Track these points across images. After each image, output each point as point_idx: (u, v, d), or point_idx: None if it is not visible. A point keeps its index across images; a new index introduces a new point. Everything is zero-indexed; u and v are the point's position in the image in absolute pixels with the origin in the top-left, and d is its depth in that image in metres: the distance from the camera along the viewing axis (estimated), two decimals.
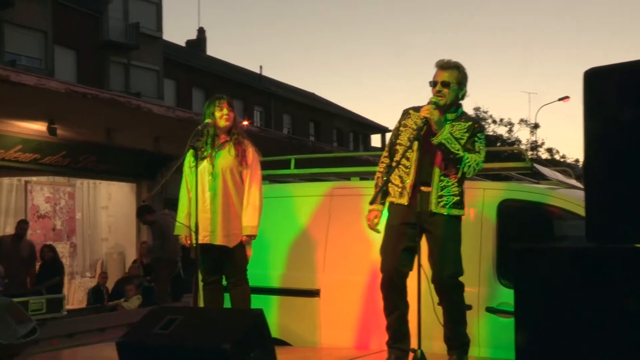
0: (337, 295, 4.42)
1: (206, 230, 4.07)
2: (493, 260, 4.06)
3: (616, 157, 2.30)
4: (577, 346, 2.26)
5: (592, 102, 2.33)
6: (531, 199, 4.20)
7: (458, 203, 3.60)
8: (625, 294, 2.19)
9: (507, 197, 4.19)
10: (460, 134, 3.59)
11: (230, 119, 4.19)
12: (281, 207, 4.76)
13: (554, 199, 4.15)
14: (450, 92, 3.61)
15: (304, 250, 4.60)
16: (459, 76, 3.64)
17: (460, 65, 3.69)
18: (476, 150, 3.59)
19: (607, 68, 2.32)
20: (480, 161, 3.59)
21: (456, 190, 3.59)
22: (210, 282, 4.20)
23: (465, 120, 3.67)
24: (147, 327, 3.23)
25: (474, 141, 3.61)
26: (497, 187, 4.31)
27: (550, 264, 2.37)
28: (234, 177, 4.14)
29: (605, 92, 2.32)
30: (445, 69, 3.64)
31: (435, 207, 3.56)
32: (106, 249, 12.92)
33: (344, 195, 4.61)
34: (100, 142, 10.19)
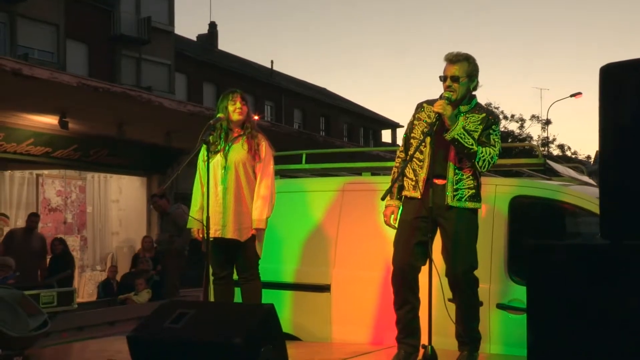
0: (347, 290, 4.42)
1: (217, 224, 4.08)
2: (504, 257, 4.05)
3: (632, 154, 2.28)
4: (589, 343, 2.24)
5: (608, 98, 2.31)
6: (543, 195, 4.18)
7: (474, 196, 3.58)
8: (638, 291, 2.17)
9: (519, 194, 4.17)
10: (474, 126, 3.56)
11: (243, 113, 4.20)
12: (292, 202, 4.76)
13: (567, 195, 4.12)
14: (460, 86, 3.58)
15: (315, 245, 4.60)
16: (468, 68, 3.60)
17: (470, 56, 3.64)
18: (491, 143, 3.56)
19: (624, 64, 2.30)
20: (495, 154, 3.55)
21: (472, 183, 3.57)
22: (221, 277, 4.20)
23: (479, 112, 3.62)
24: (157, 321, 3.24)
25: (488, 134, 3.57)
26: (509, 183, 4.29)
27: (563, 260, 2.35)
28: (247, 171, 4.14)
29: (621, 88, 2.30)
30: (454, 63, 3.60)
31: (451, 201, 3.55)
32: (116, 243, 12.99)
33: (355, 191, 4.60)
34: (112, 136, 10.23)
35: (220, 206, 4.09)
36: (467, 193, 3.55)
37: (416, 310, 3.62)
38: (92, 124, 9.86)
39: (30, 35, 18.30)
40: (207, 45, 27.24)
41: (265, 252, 4.24)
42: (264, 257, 4.21)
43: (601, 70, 2.31)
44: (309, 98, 29.15)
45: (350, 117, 32.14)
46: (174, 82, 22.39)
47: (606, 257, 2.29)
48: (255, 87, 24.96)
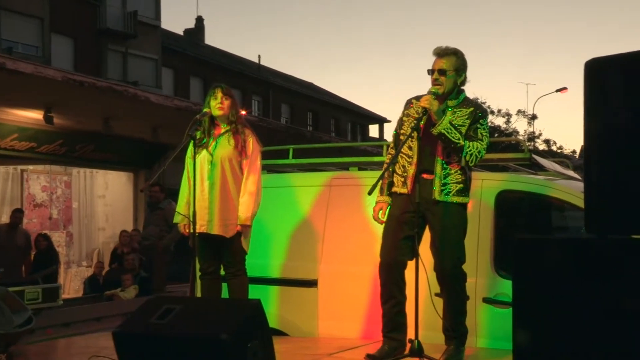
0: (335, 285, 4.43)
1: (203, 220, 4.06)
2: (491, 251, 4.06)
3: (616, 149, 2.29)
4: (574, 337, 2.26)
5: (593, 93, 2.32)
6: (529, 190, 4.20)
7: (462, 190, 3.59)
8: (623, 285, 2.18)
9: (505, 188, 4.19)
10: (462, 121, 3.57)
11: (223, 108, 4.16)
12: (279, 197, 4.75)
13: (552, 190, 4.15)
14: (447, 79, 3.59)
15: (301, 240, 4.60)
16: (456, 62, 3.61)
17: (458, 51, 3.65)
18: (478, 137, 3.57)
19: (609, 59, 2.31)
20: (483, 148, 3.56)
21: (459, 177, 3.58)
22: (208, 272, 4.19)
23: (467, 106, 3.63)
24: (143, 316, 3.23)
25: (476, 128, 3.58)
26: (495, 177, 4.31)
27: (549, 255, 2.36)
28: (233, 167, 4.13)
29: (606, 83, 2.31)
30: (442, 57, 3.62)
31: (438, 196, 3.55)
32: (103, 239, 12.91)
33: (342, 186, 4.60)
34: (98, 131, 10.16)
35: (206, 201, 4.08)
36: (454, 188, 3.56)
37: (401, 305, 3.63)
38: (78, 119, 9.78)
39: (14, 29, 18.10)
40: (194, 39, 27.10)
41: (253, 247, 4.23)
42: (251, 252, 4.21)
43: (586, 65, 2.32)
44: (296, 93, 29.10)
45: (337, 112, 32.13)
46: (160, 77, 22.26)
47: (591, 252, 2.30)
48: (242, 82, 24.88)
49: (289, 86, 28.98)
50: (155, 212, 8.54)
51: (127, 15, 21.30)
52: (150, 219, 8.66)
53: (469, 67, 3.68)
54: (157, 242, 8.42)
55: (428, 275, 3.51)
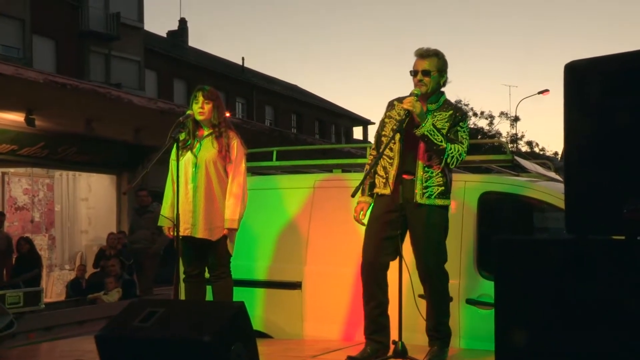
0: (319, 287, 4.43)
1: (187, 223, 4.04)
2: (474, 252, 4.09)
3: (596, 151, 2.32)
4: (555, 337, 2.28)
5: (573, 95, 2.35)
6: (512, 191, 4.23)
7: (443, 193, 3.60)
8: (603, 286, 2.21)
9: (488, 190, 4.22)
10: (442, 124, 3.59)
11: (204, 113, 4.14)
12: (263, 199, 4.74)
13: (534, 191, 4.18)
14: (431, 80, 3.62)
15: (286, 242, 4.60)
16: (439, 63, 3.64)
17: (440, 52, 3.69)
18: (459, 140, 3.59)
19: (588, 61, 2.34)
20: (463, 151, 3.58)
21: (441, 180, 3.59)
22: (192, 275, 4.17)
23: (446, 109, 3.66)
24: (126, 320, 3.21)
25: (456, 131, 3.60)
26: (478, 179, 4.33)
27: (530, 255, 2.39)
28: (217, 169, 4.11)
29: (586, 85, 2.34)
30: (424, 57, 3.64)
31: (420, 198, 3.57)
32: (86, 242, 12.80)
33: (326, 188, 4.60)
34: (80, 133, 10.08)
35: (190, 205, 4.06)
36: (436, 190, 3.58)
37: (384, 307, 3.64)
38: (60, 121, 9.69)
39: None
40: (178, 41, 26.97)
41: (237, 250, 4.22)
42: (235, 254, 4.20)
43: (566, 67, 2.35)
44: (280, 95, 29.07)
45: (321, 114, 32.14)
46: (144, 79, 22.13)
47: (572, 252, 2.33)
48: (226, 84, 24.78)
49: (273, 88, 28.94)
50: (145, 216, 8.50)
51: (109, 16, 21.16)
52: (141, 223, 8.61)
53: (450, 68, 3.73)
54: (148, 246, 8.38)
55: (411, 277, 3.52)
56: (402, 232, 3.58)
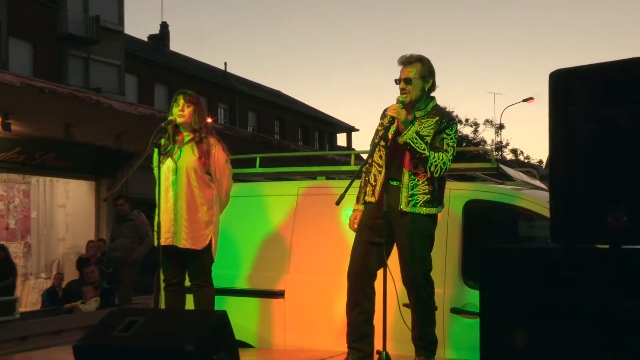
0: (302, 296, 4.42)
1: (169, 232, 4.02)
2: (459, 261, 4.11)
3: (581, 159, 2.35)
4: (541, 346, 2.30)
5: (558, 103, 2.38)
6: (497, 199, 4.27)
7: (430, 201, 3.60)
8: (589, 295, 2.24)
9: (473, 198, 4.25)
10: (427, 131, 3.60)
11: (184, 116, 4.14)
12: (246, 206, 4.74)
13: (520, 199, 4.22)
14: (413, 87, 3.64)
15: (268, 250, 4.60)
16: (422, 70, 3.66)
17: (424, 57, 3.70)
18: (444, 148, 3.59)
19: (574, 70, 2.37)
20: (448, 160, 3.58)
21: (427, 188, 3.60)
22: (173, 283, 4.15)
23: (433, 115, 3.67)
24: (106, 329, 3.18)
25: (442, 138, 3.60)
26: (463, 187, 4.36)
27: (515, 264, 2.41)
28: (199, 176, 4.10)
29: (571, 94, 2.37)
30: (406, 65, 3.67)
31: (405, 206, 3.58)
32: (63, 249, 12.67)
33: (309, 195, 4.61)
34: (58, 139, 10.00)
35: (171, 213, 4.04)
36: (421, 198, 3.59)
37: (368, 314, 3.64)
38: (37, 126, 9.61)
39: None
40: (159, 45, 26.88)
41: (219, 258, 4.21)
42: (217, 262, 4.19)
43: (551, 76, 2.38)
44: (263, 101, 29.07)
45: (305, 121, 32.18)
46: (124, 84, 22.01)
47: (557, 261, 2.36)
48: (208, 89, 24.73)
49: (256, 94, 28.93)
50: (125, 224, 8.44)
51: (89, 20, 21.03)
52: (121, 231, 8.55)
53: (437, 73, 3.73)
54: (128, 254, 8.33)
55: (396, 285, 3.53)
56: (388, 239, 3.60)
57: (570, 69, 2.37)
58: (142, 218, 8.28)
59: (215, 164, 4.14)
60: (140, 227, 8.20)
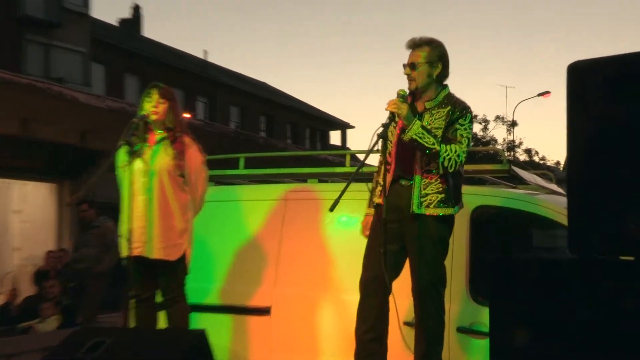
0: (290, 313, 4.43)
1: (139, 241, 4.02)
2: (465, 275, 4.13)
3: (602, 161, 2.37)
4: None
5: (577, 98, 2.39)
6: (508, 205, 4.30)
7: (445, 200, 3.63)
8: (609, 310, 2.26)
9: (482, 204, 4.28)
10: (438, 123, 3.64)
11: (158, 113, 4.15)
12: (228, 212, 4.75)
13: (534, 206, 4.25)
14: (419, 73, 3.66)
15: (252, 261, 4.61)
16: (430, 53, 3.68)
17: (434, 40, 3.72)
18: (457, 139, 3.61)
19: (594, 62, 2.39)
20: (462, 151, 3.59)
21: (440, 186, 3.63)
22: (143, 298, 4.16)
23: (444, 105, 3.69)
24: (68, 351, 3.18)
25: (455, 129, 3.63)
26: (471, 191, 4.38)
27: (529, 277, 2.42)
28: (173, 179, 4.11)
29: (591, 88, 2.38)
30: (414, 49, 3.70)
31: (417, 208, 3.61)
32: (18, 261, 12.59)
33: (300, 200, 4.63)
34: (15, 135, 9.96)
35: (141, 220, 4.04)
36: (435, 198, 3.61)
37: (378, 332, 3.63)
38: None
39: None
40: (130, 31, 26.89)
41: (195, 270, 4.22)
42: (193, 275, 4.19)
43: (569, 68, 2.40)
44: (247, 94, 29.10)
45: (294, 116, 32.23)
46: (90, 73, 21.97)
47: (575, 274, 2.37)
48: (185, 81, 24.75)
49: (239, 86, 28.96)
50: (89, 232, 8.42)
51: (50, 0, 20.98)
52: (85, 240, 8.52)
53: None
54: (93, 265, 8.30)
55: (396, 301, 3.55)
56: (396, 247, 3.63)
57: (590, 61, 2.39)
58: (109, 225, 8.25)
59: (190, 166, 4.15)
60: (107, 235, 8.17)
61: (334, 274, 4.33)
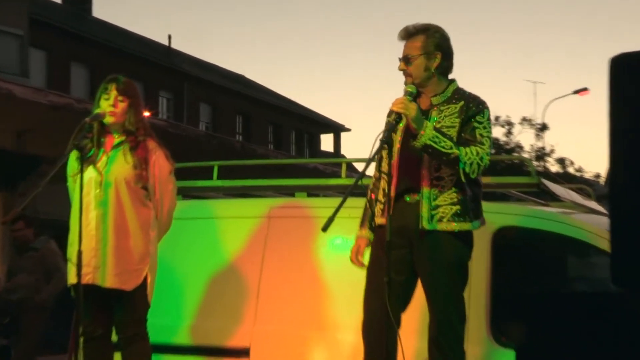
0: (273, 355, 4.45)
1: (89, 266, 4.02)
2: (486, 310, 4.15)
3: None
4: None
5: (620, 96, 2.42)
6: (538, 226, 4.33)
7: (460, 213, 3.65)
8: None
9: (505, 224, 4.31)
10: (450, 121, 3.66)
11: (117, 114, 4.17)
12: (199, 232, 4.77)
13: (569, 227, 4.28)
14: (415, 67, 3.70)
15: (228, 292, 4.62)
16: (426, 43, 3.71)
17: (430, 27, 3.75)
18: (477, 139, 3.65)
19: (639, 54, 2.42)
20: (485, 153, 3.62)
21: (455, 196, 3.65)
22: (95, 337, 4.16)
23: (456, 100, 3.72)
24: None
25: (472, 128, 3.66)
26: (492, 210, 4.41)
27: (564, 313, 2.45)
28: (132, 192, 4.12)
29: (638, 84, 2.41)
30: (407, 39, 3.74)
31: (428, 223, 3.62)
32: None
33: (285, 217, 4.65)
34: None
35: (92, 240, 4.05)
36: (449, 211, 3.62)
37: None
38: None
39: None
40: (77, 10, 26.87)
41: (157, 303, 4.22)
42: (155, 309, 4.20)
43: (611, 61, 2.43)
44: (221, 88, 29.13)
45: (278, 116, 32.28)
46: (27, 62, 21.92)
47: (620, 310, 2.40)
48: (146, 71, 24.75)
49: (211, 78, 28.99)
50: (26, 256, 8.39)
51: None
52: (20, 265, 8.49)
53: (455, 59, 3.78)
54: (31, 296, 8.27)
55: (404, 342, 3.57)
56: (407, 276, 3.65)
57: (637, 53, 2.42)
58: (51, 247, 8.23)
59: (155, 176, 4.17)
60: (48, 258, 8.13)
61: (326, 308, 4.34)
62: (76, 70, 23.68)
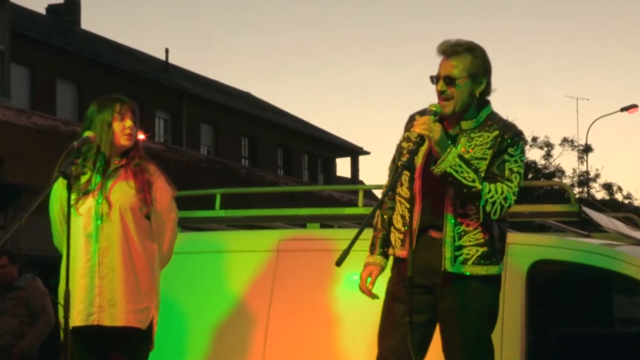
0: None
1: (94, 305, 4.04)
2: (521, 351, 4.16)
3: None
4: None
5: None
6: (579, 260, 4.33)
7: (487, 256, 3.65)
8: None
9: (543, 258, 4.32)
10: (481, 152, 3.65)
11: (132, 138, 4.21)
12: (199, 268, 4.80)
13: (614, 261, 4.28)
14: (458, 91, 3.67)
15: (233, 333, 4.64)
16: (473, 64, 3.68)
17: (476, 46, 3.73)
18: (505, 176, 3.63)
19: None
20: (511, 193, 3.60)
21: (481, 236, 3.64)
22: None
23: (490, 128, 3.71)
24: None
25: (503, 161, 3.65)
26: (528, 241, 4.43)
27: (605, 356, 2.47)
28: (138, 221, 4.14)
29: None
30: (450, 56, 3.68)
31: (450, 265, 3.63)
32: None
33: (295, 251, 4.68)
34: None
35: (96, 276, 4.03)
36: (474, 253, 3.63)
37: None
38: None
39: None
40: (63, 22, 27.06)
41: (159, 344, 4.24)
42: (157, 350, 4.21)
43: None
44: (224, 107, 29.19)
45: (287, 138, 32.30)
46: (8, 79, 22.09)
47: None
48: (140, 89, 24.81)
49: (213, 97, 29.05)
50: (10, 297, 8.43)
51: None
52: (4, 307, 8.53)
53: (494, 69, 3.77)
54: (15, 342, 8.30)
55: None
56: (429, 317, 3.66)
57: None
58: (38, 285, 8.26)
59: (157, 202, 4.19)
60: (33, 299, 8.17)
61: (340, 350, 4.36)
62: (62, 89, 23.77)
